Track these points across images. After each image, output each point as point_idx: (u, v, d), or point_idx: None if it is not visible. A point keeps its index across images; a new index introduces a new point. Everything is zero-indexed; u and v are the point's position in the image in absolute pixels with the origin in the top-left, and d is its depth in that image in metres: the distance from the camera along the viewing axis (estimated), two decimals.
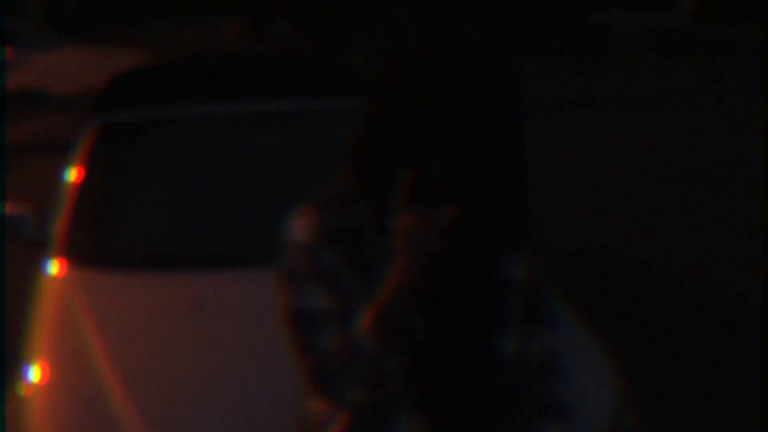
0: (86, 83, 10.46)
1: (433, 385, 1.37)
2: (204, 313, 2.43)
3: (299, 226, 1.36)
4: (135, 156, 3.19)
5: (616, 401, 2.23)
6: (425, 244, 1.25)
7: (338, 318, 1.32)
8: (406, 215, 1.25)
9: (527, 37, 16.95)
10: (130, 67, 3.87)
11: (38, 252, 2.84)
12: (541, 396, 1.49)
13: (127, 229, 2.95)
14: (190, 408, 2.08)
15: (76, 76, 12.76)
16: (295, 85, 3.51)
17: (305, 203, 1.39)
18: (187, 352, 2.29)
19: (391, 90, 1.33)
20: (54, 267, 2.69)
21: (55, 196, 3.06)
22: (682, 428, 3.52)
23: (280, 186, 2.91)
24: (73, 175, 3.03)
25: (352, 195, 1.37)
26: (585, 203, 6.89)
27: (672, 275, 5.37)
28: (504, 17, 17.67)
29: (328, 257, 1.33)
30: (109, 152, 3.13)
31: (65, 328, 2.40)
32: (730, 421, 3.64)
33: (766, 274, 5.30)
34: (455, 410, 1.39)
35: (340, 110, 3.07)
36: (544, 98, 11.61)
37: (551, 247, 5.50)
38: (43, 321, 2.45)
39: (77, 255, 2.72)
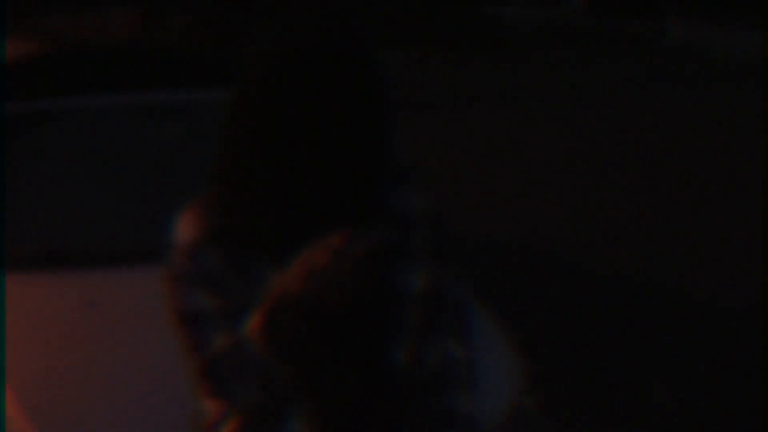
0: None
1: (322, 393, 1.36)
2: (96, 312, 2.36)
3: (183, 227, 1.34)
4: (22, 151, 3.07)
5: (516, 383, 2.28)
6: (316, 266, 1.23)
7: (225, 318, 1.30)
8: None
9: (418, 29, 17.12)
10: (16, 57, 3.71)
11: None
12: (440, 407, 1.48)
13: (14, 227, 2.84)
14: (82, 409, 2.02)
15: None
16: (192, 76, 3.44)
17: (191, 203, 1.37)
18: (78, 353, 2.22)
19: (251, 86, 1.30)
20: None
21: None
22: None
23: (175, 180, 2.85)
24: None
25: (230, 194, 1.35)
26: (485, 195, 7.00)
27: (575, 260, 5.52)
28: (395, 8, 17.79)
29: (209, 258, 1.31)
30: None
31: None
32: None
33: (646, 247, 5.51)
34: (346, 419, 1.38)
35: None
36: (438, 91, 11.75)
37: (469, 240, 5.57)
38: None
39: None
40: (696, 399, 3.79)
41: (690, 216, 6.51)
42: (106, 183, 2.92)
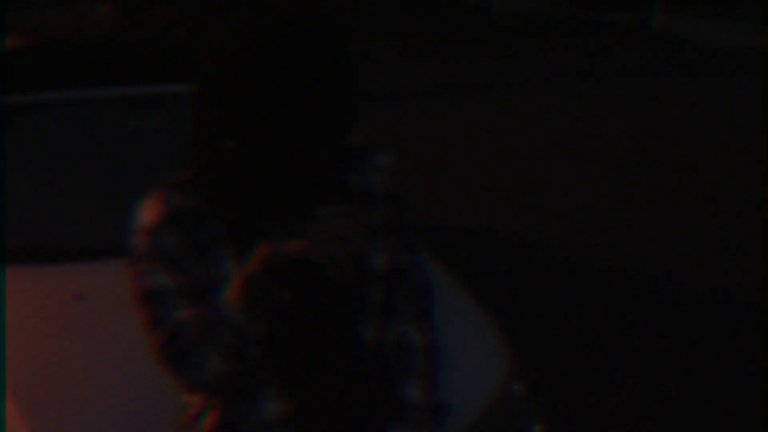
0: None
1: (295, 363, 1.37)
2: (85, 306, 2.36)
3: (146, 210, 1.38)
4: (5, 144, 3.06)
5: (503, 369, 2.30)
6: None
7: (184, 295, 1.33)
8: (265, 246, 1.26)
9: (402, 20, 17.07)
10: None
11: None
12: (394, 396, 1.48)
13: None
14: (71, 402, 2.02)
15: None
16: (174, 68, 3.43)
17: (156, 187, 1.41)
18: (67, 346, 2.21)
19: (212, 68, 1.30)
20: None
21: None
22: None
23: (157, 171, 2.84)
24: None
25: (194, 178, 1.39)
26: (470, 185, 7.02)
27: (544, 247, 5.55)
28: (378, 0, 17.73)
29: (167, 239, 1.35)
30: None
31: None
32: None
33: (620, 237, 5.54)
34: (318, 392, 1.38)
35: None
36: (421, 83, 11.74)
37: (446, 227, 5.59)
38: None
39: None
40: (695, 393, 3.81)
41: (680, 205, 6.55)
42: (92, 176, 2.91)
